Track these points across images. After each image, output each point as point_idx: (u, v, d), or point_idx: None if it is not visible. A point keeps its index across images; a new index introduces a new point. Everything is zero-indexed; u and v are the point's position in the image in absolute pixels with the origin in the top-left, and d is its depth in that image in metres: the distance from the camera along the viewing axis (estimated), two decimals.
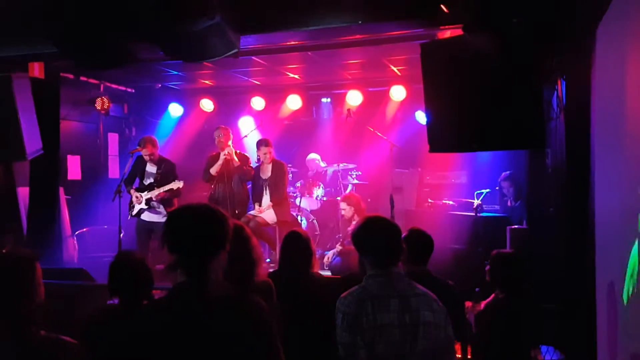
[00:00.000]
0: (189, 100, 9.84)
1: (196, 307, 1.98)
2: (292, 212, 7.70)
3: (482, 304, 3.77)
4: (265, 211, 7.25)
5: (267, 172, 7.36)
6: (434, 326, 2.52)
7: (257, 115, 9.68)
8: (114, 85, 9.18)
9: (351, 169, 8.85)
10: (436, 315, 2.55)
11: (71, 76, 8.06)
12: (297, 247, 3.88)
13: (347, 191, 8.45)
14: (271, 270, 4.04)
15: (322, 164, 8.99)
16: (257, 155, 7.42)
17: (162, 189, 6.76)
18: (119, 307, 3.00)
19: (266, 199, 7.32)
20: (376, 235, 2.65)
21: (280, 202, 7.28)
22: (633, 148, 3.01)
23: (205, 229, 2.07)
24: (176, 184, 6.75)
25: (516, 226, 5.81)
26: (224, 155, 7.13)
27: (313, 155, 9.07)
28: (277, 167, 7.33)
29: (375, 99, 8.98)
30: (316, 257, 4.03)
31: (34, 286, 2.24)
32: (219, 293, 2.04)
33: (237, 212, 7.13)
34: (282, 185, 7.36)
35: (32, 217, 6.53)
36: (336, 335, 2.50)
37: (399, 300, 2.51)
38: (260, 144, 7.35)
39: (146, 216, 6.89)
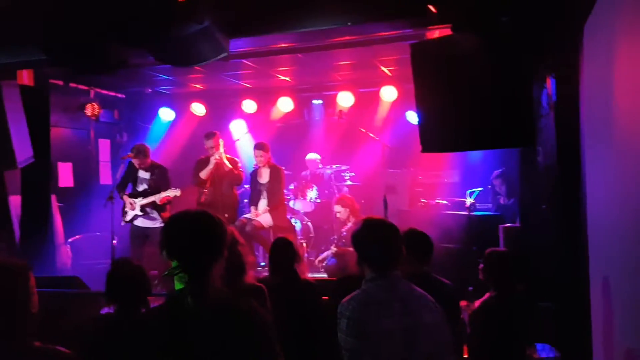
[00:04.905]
0: (180, 105, 9.81)
1: (196, 314, 1.97)
2: (287, 216, 7.71)
3: (477, 303, 3.78)
4: (261, 215, 7.24)
5: (264, 177, 7.36)
6: (434, 328, 2.52)
7: (249, 118, 9.68)
8: (104, 91, 9.13)
9: (344, 171, 8.87)
10: (435, 317, 2.55)
11: (61, 82, 8.02)
12: (284, 254, 3.90)
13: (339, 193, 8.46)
14: (262, 276, 4.06)
15: (321, 165, 9.01)
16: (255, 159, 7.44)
17: (158, 197, 6.73)
18: (116, 316, 2.98)
19: (263, 202, 7.31)
20: (377, 238, 2.62)
21: (276, 206, 7.29)
22: (622, 143, 3.02)
23: (204, 236, 2.06)
24: (173, 192, 6.73)
25: (509, 224, 5.83)
26: (215, 159, 7.11)
27: (313, 155, 9.07)
28: (275, 172, 7.33)
29: (367, 100, 8.99)
30: (304, 262, 4.06)
31: (28, 296, 2.21)
32: (218, 300, 2.03)
33: (226, 215, 7.10)
34: (279, 190, 7.38)
35: (25, 225, 6.50)
36: (340, 341, 2.48)
37: (401, 303, 2.51)
38: (254, 147, 7.38)
39: (140, 222, 6.86)
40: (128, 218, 6.88)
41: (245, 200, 7.98)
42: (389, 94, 8.49)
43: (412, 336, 2.47)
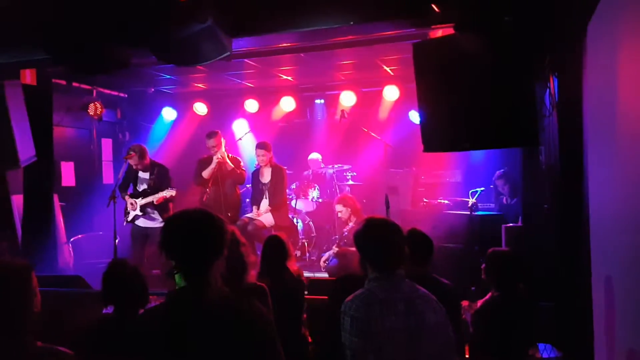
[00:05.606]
0: (182, 104, 9.82)
1: (196, 314, 1.97)
2: (289, 216, 7.70)
3: (479, 303, 3.77)
4: (263, 214, 7.24)
5: (266, 177, 7.34)
6: (437, 327, 2.53)
7: (251, 118, 9.69)
8: (106, 91, 9.14)
9: (346, 170, 8.87)
10: (438, 317, 2.55)
11: (63, 82, 8.02)
12: (273, 252, 3.91)
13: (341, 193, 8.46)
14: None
15: (323, 165, 9.02)
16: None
17: (154, 197, 6.72)
18: (115, 316, 2.98)
19: (265, 202, 7.29)
20: (380, 238, 2.62)
21: (278, 206, 7.26)
22: (625, 143, 3.02)
23: (203, 235, 2.06)
24: (169, 192, 6.70)
25: (511, 224, 5.82)
26: (217, 159, 7.10)
27: (315, 155, 9.08)
28: (277, 172, 7.30)
29: (369, 100, 8.99)
30: (294, 258, 4.08)
31: (30, 296, 2.21)
32: (218, 299, 2.03)
33: (229, 215, 7.10)
34: (281, 190, 7.34)
35: (27, 224, 6.50)
36: (343, 339, 2.48)
37: (405, 303, 2.51)
38: (256, 146, 7.36)
39: (141, 222, 6.86)
40: (129, 218, 6.88)
41: (247, 200, 7.97)
42: (391, 93, 8.49)
43: (415, 336, 2.47)
